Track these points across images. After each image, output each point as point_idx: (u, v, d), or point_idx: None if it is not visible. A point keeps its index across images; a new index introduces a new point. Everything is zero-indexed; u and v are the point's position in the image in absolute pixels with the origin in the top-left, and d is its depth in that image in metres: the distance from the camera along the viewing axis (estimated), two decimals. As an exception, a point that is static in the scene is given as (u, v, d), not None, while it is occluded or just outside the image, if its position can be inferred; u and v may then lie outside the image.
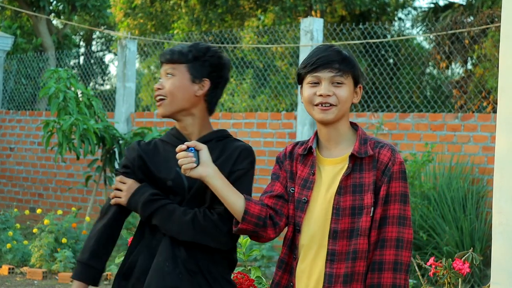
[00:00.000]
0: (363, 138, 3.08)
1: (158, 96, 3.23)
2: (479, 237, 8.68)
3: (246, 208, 3.05)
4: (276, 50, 14.41)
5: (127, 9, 19.02)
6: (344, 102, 3.05)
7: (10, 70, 15.59)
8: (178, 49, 3.24)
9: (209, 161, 3.06)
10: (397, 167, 3.03)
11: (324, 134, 3.12)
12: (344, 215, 3.00)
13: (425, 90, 14.96)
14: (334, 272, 2.98)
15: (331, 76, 3.04)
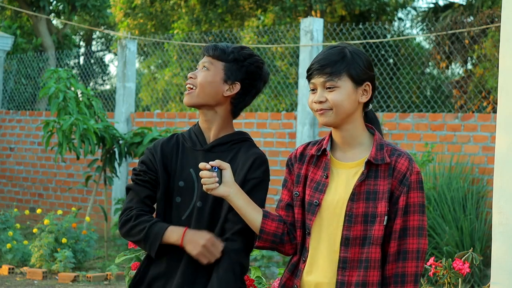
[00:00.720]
0: (380, 143, 3.01)
1: (188, 84, 3.26)
2: (479, 237, 8.69)
3: (261, 227, 3.06)
4: (276, 50, 14.41)
5: (127, 9, 19.02)
6: (340, 105, 2.97)
7: (10, 70, 15.59)
8: (222, 46, 3.27)
9: (231, 181, 3.05)
10: (415, 177, 2.98)
11: (336, 136, 3.06)
12: (357, 222, 2.95)
13: (425, 90, 14.96)
14: (346, 280, 2.95)
15: (323, 81, 2.99)
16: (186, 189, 3.17)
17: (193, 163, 3.19)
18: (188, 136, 3.26)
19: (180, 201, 3.17)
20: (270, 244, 3.09)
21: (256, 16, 18.55)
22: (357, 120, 3.04)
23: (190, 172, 3.18)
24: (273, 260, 9.55)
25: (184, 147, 3.24)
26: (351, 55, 3.01)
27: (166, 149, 3.24)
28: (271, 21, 17.47)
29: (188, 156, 3.21)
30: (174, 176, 3.19)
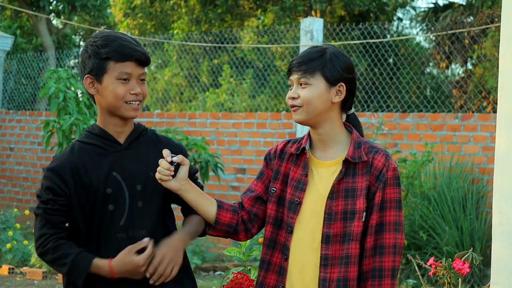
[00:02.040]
0: (357, 141, 3.06)
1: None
2: (479, 237, 8.69)
3: (216, 218, 3.10)
4: (276, 50, 14.41)
5: (127, 9, 19.02)
6: (309, 103, 3.02)
7: (10, 70, 15.59)
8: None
9: (184, 177, 3.04)
10: (391, 173, 3.03)
11: (314, 135, 3.12)
12: (336, 219, 3.00)
13: (425, 90, 14.96)
14: (328, 276, 2.98)
15: (297, 77, 3.05)
16: (116, 194, 3.09)
17: (115, 166, 3.11)
18: (92, 140, 3.14)
19: (114, 208, 3.09)
20: (224, 233, 3.14)
21: (256, 16, 18.56)
22: (334, 120, 3.08)
23: (114, 176, 3.10)
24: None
25: (94, 153, 3.12)
26: (330, 56, 3.05)
27: (74, 164, 3.09)
28: (271, 21, 17.47)
29: (104, 161, 3.11)
30: (97, 185, 3.08)
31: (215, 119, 11.28)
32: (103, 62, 3.05)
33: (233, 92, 14.27)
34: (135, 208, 3.11)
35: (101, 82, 3.08)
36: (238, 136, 11.05)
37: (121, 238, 3.09)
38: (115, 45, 3.05)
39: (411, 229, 8.80)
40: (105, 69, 3.06)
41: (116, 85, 3.06)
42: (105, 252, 3.07)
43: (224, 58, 15.28)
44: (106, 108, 3.11)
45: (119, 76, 3.05)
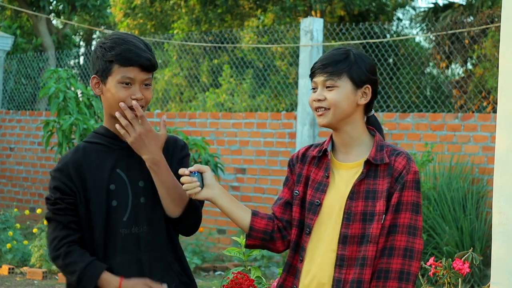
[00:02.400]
0: (380, 144, 3.04)
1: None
2: (479, 237, 8.69)
3: (251, 224, 3.08)
4: (276, 50, 14.41)
5: (127, 9, 19.02)
6: (337, 106, 3.00)
7: (10, 70, 15.59)
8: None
9: (213, 183, 3.05)
10: (411, 176, 2.99)
11: (337, 138, 3.10)
12: (355, 220, 2.97)
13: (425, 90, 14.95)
14: (342, 277, 2.96)
15: (323, 80, 3.03)
16: (119, 191, 3.13)
17: (118, 164, 3.15)
18: (97, 140, 3.20)
19: (117, 204, 3.12)
20: (261, 241, 3.12)
21: (256, 16, 18.56)
22: (357, 122, 3.07)
23: (117, 173, 3.14)
24: (273, 260, 9.56)
25: (98, 152, 3.17)
26: (355, 57, 3.04)
27: (78, 162, 3.14)
28: (271, 21, 17.47)
29: (108, 158, 3.15)
30: (101, 183, 3.12)
31: (215, 119, 11.28)
32: (108, 64, 3.08)
33: (233, 92, 14.27)
34: (138, 204, 3.13)
35: (105, 84, 3.11)
36: (238, 136, 11.05)
37: (125, 234, 3.12)
38: (121, 49, 3.06)
39: (411, 229, 8.80)
40: (110, 71, 3.08)
41: (118, 89, 3.08)
42: (111, 248, 3.11)
43: (224, 58, 15.28)
44: (109, 110, 3.15)
45: (122, 80, 3.07)
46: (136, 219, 3.12)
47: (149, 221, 3.14)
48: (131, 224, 3.13)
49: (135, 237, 3.12)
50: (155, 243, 3.14)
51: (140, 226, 3.13)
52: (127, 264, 3.11)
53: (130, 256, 3.12)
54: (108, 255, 3.11)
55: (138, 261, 3.12)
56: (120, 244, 3.11)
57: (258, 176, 10.82)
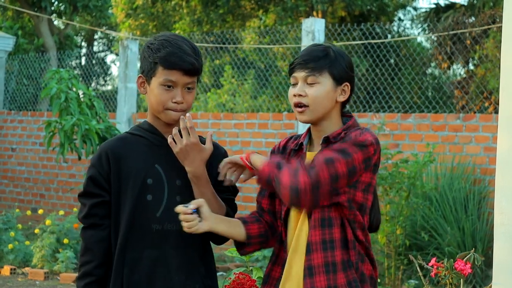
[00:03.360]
0: (349, 125, 3.06)
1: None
2: (481, 238, 8.68)
3: (247, 233, 3.14)
4: (277, 51, 14.41)
5: (129, 10, 19.04)
6: (318, 102, 3.02)
7: (12, 71, 15.60)
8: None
9: (209, 214, 3.07)
10: (353, 134, 2.98)
11: (313, 132, 3.14)
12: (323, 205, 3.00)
13: (426, 90, 14.96)
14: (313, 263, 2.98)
15: (304, 75, 3.04)
16: (156, 186, 3.16)
17: (158, 159, 3.18)
18: (141, 133, 3.24)
19: (152, 198, 3.15)
20: (260, 245, 3.18)
21: (257, 17, 18.56)
22: (334, 118, 3.10)
23: (156, 168, 3.17)
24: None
25: (140, 144, 3.22)
26: (334, 54, 3.06)
27: (116, 150, 3.19)
28: (273, 22, 17.47)
29: (149, 153, 3.19)
30: (138, 175, 3.16)
31: (217, 119, 11.28)
32: (153, 65, 3.13)
33: (235, 93, 14.27)
34: (173, 202, 3.14)
35: (150, 84, 3.16)
36: (239, 137, 11.06)
37: (156, 230, 3.14)
38: (166, 52, 3.09)
39: (413, 230, 8.80)
40: (154, 73, 3.13)
41: (160, 91, 3.12)
42: (139, 241, 3.14)
43: (225, 59, 15.28)
44: (151, 109, 3.21)
45: (164, 82, 3.11)
46: (170, 216, 3.13)
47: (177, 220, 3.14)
48: (163, 221, 3.15)
49: (167, 234, 3.14)
50: (185, 243, 3.16)
51: (174, 223, 3.13)
52: (154, 259, 3.14)
53: (158, 251, 3.14)
54: (133, 248, 3.14)
55: (165, 258, 3.14)
56: (150, 238, 3.14)
57: (259, 176, 10.81)
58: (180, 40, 3.15)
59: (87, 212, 3.18)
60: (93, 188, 3.18)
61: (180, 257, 3.15)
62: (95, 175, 3.18)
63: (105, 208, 3.17)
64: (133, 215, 3.14)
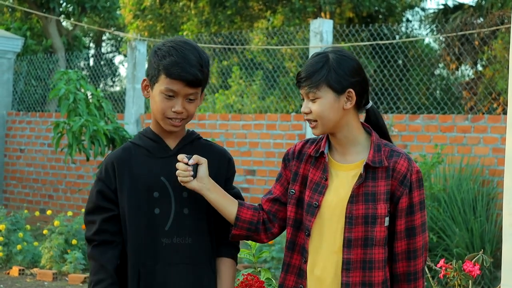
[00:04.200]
0: (377, 144, 3.04)
1: None
2: (489, 239, 8.67)
3: (237, 214, 3.10)
4: (285, 52, 14.41)
5: (137, 11, 19.06)
6: (324, 116, 3.00)
7: (20, 72, 15.63)
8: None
9: (205, 176, 3.07)
10: (415, 176, 3.02)
11: (332, 139, 3.10)
12: (357, 223, 2.98)
13: (434, 91, 14.94)
14: (350, 281, 2.98)
15: (306, 92, 3.03)
16: (162, 199, 3.10)
17: (163, 171, 3.13)
18: (144, 144, 3.18)
19: (159, 212, 3.10)
20: (246, 232, 3.13)
21: (265, 18, 18.56)
22: (351, 124, 3.06)
23: (162, 181, 3.12)
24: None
25: (144, 156, 3.16)
26: (332, 63, 3.00)
27: (123, 161, 3.14)
28: (280, 23, 17.47)
29: (153, 165, 3.13)
30: (144, 187, 3.11)
31: (225, 120, 11.29)
32: (157, 72, 3.08)
33: (243, 94, 14.27)
34: (180, 215, 3.11)
35: (152, 90, 3.12)
36: (247, 138, 11.06)
37: (166, 244, 3.09)
38: (169, 61, 3.04)
39: (421, 231, 8.79)
40: (157, 79, 3.08)
41: (161, 98, 3.07)
42: (149, 255, 3.09)
43: (233, 60, 15.29)
44: (153, 115, 3.16)
45: (165, 91, 3.06)
46: (179, 230, 3.10)
47: (193, 233, 3.12)
48: (172, 234, 3.10)
49: (176, 248, 3.09)
50: (197, 256, 3.12)
51: (182, 237, 3.10)
52: (167, 273, 3.08)
53: (170, 266, 3.09)
54: (144, 262, 3.08)
55: (178, 272, 3.10)
56: (160, 253, 3.08)
57: (267, 177, 10.82)
58: (188, 48, 3.08)
59: (98, 228, 3.10)
60: (103, 202, 3.12)
61: (191, 272, 3.11)
62: (104, 188, 3.12)
63: (116, 223, 3.11)
64: (142, 229, 3.09)
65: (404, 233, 3.00)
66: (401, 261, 3.01)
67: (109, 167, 3.14)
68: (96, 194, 3.13)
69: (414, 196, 3.01)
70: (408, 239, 3.01)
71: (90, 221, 3.14)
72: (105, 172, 3.14)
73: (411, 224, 3.01)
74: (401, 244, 3.01)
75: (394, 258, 3.02)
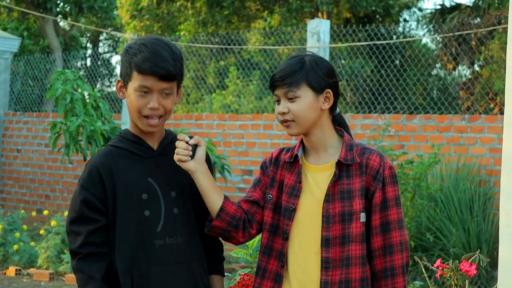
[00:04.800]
0: (349, 144, 3.08)
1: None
2: (486, 239, 8.67)
3: (222, 206, 3.08)
4: (282, 52, 14.41)
5: (134, 11, 19.05)
6: (302, 116, 3.03)
7: (17, 72, 15.62)
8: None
9: (202, 159, 3.07)
10: (388, 172, 3.04)
11: (306, 142, 3.14)
12: (334, 222, 3.00)
13: (431, 91, 14.94)
14: (329, 279, 2.99)
15: (284, 92, 3.04)
16: (151, 200, 3.06)
17: (149, 172, 3.09)
18: (126, 146, 3.11)
19: (150, 214, 3.05)
20: (227, 225, 3.09)
21: (262, 18, 18.56)
22: (324, 125, 3.10)
23: (149, 182, 3.08)
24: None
25: (128, 158, 3.09)
26: (310, 64, 3.05)
27: (108, 166, 3.05)
28: (278, 23, 17.47)
29: (139, 167, 3.08)
30: (132, 191, 3.04)
31: (222, 120, 11.29)
32: (129, 70, 3.04)
33: (240, 94, 14.27)
34: (171, 215, 3.09)
35: (127, 89, 3.08)
36: (244, 138, 11.06)
37: (159, 245, 3.06)
38: (140, 57, 3.00)
39: (418, 231, 8.79)
40: (130, 77, 3.05)
41: (136, 96, 3.03)
42: (143, 258, 3.04)
43: (230, 60, 15.29)
44: (131, 115, 3.11)
45: (139, 88, 3.02)
46: (170, 230, 3.07)
47: (184, 232, 3.11)
48: (165, 235, 3.07)
49: (170, 248, 3.07)
50: (188, 256, 3.11)
51: (174, 237, 3.08)
52: (162, 275, 3.05)
53: (164, 267, 3.06)
54: (140, 266, 3.03)
55: (173, 272, 3.07)
56: (154, 255, 3.04)
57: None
58: (159, 44, 3.04)
59: (84, 241, 3.01)
60: (89, 212, 3.02)
61: (185, 271, 3.10)
62: (88, 197, 3.02)
63: (103, 234, 3.02)
64: (135, 233, 3.02)
65: (379, 228, 3.02)
66: (378, 257, 3.02)
67: (94, 173, 3.04)
68: (80, 204, 3.02)
69: (388, 191, 3.03)
70: (384, 235, 3.02)
71: (74, 232, 3.04)
72: (88, 178, 3.04)
73: (386, 219, 3.02)
74: (377, 240, 3.02)
75: (371, 255, 3.03)
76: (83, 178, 3.06)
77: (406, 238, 3.05)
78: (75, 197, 3.06)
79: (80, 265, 3.01)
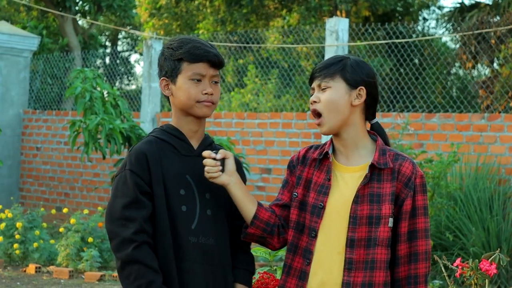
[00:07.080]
0: (382, 148, 3.07)
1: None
2: (506, 238, 8.64)
3: (256, 213, 3.10)
4: (301, 50, 14.40)
5: (152, 10, 19.09)
6: (331, 106, 3.03)
7: (37, 70, 15.69)
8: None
9: (233, 170, 3.09)
10: (419, 180, 3.04)
11: (337, 142, 3.12)
12: (361, 224, 3.00)
13: (451, 90, 14.89)
14: (351, 280, 2.98)
15: (318, 83, 3.07)
16: (188, 197, 3.08)
17: (187, 170, 3.11)
18: (169, 140, 3.14)
19: (186, 209, 3.07)
20: (262, 232, 3.11)
21: (281, 16, 18.56)
22: (357, 124, 3.09)
23: (187, 179, 3.10)
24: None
25: (170, 151, 3.12)
26: (350, 61, 3.08)
27: (154, 153, 3.07)
28: (296, 21, 17.47)
29: (179, 162, 3.11)
30: (172, 183, 3.06)
31: (241, 119, 11.29)
32: (177, 63, 3.10)
33: (258, 92, 14.28)
34: (204, 215, 3.11)
35: (175, 83, 3.12)
36: (263, 136, 11.06)
37: (193, 243, 3.07)
38: (189, 47, 3.09)
39: (438, 230, 8.77)
40: (179, 70, 3.10)
41: (189, 85, 3.09)
42: (178, 253, 3.04)
43: (249, 58, 15.30)
44: (180, 108, 3.13)
45: (192, 76, 3.08)
46: (203, 229, 3.09)
47: (216, 234, 3.12)
48: (198, 234, 3.08)
49: (202, 247, 3.08)
50: (219, 257, 3.12)
51: (207, 237, 3.09)
52: (193, 272, 3.06)
53: (195, 265, 3.07)
54: (171, 260, 3.02)
55: (203, 271, 3.08)
56: (187, 251, 3.05)
57: (283, 176, 10.81)
58: (197, 37, 3.18)
59: (139, 227, 2.97)
60: (142, 197, 3.00)
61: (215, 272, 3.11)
62: (139, 182, 3.01)
63: (150, 223, 3.01)
64: (173, 226, 3.03)
65: (406, 235, 3.01)
66: (403, 265, 3.02)
67: (141, 158, 3.04)
68: (134, 187, 3.00)
69: (418, 200, 3.02)
70: (410, 242, 3.02)
71: (127, 217, 2.98)
72: (137, 163, 3.04)
73: (414, 227, 3.02)
74: (403, 247, 3.02)
75: (396, 262, 3.03)
76: (130, 162, 3.04)
77: (430, 248, 3.05)
78: (125, 182, 3.03)
79: (137, 254, 2.94)
